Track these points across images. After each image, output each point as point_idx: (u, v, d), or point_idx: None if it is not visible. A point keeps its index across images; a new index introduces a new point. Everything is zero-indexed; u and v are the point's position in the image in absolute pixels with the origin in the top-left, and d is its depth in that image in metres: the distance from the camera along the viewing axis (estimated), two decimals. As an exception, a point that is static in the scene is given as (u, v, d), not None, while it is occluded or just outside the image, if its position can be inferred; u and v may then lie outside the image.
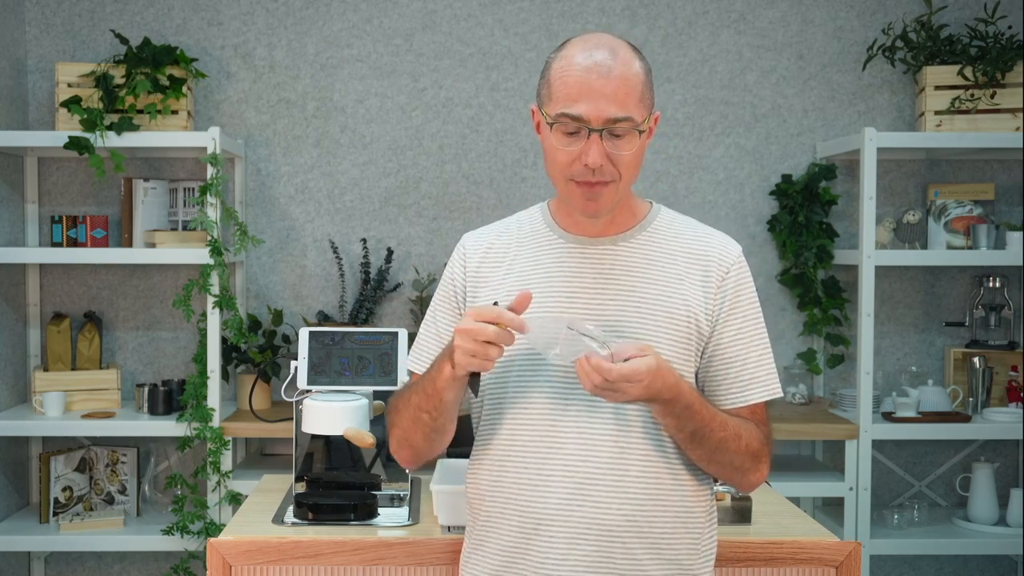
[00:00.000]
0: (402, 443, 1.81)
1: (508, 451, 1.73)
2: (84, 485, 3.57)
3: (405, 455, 1.83)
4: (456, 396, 1.70)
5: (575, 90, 1.64)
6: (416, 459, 1.83)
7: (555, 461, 1.69)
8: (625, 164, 1.67)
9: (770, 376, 1.77)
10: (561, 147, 1.66)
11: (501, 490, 1.73)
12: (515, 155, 3.79)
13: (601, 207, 1.69)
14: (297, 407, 2.34)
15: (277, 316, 3.68)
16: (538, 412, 1.71)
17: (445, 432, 1.78)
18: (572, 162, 1.66)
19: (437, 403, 1.70)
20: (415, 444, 1.79)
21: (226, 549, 2.09)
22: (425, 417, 1.73)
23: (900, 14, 3.76)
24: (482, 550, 1.77)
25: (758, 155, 3.80)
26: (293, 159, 3.79)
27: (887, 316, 3.82)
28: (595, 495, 1.67)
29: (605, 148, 1.64)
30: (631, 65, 1.66)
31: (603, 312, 1.71)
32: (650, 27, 3.76)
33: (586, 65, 1.64)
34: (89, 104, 3.42)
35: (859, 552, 2.11)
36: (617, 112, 1.63)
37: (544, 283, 1.74)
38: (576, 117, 1.64)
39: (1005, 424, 3.48)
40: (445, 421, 1.75)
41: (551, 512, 1.68)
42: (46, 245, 3.70)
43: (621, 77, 1.64)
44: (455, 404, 1.72)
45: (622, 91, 1.64)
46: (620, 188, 1.69)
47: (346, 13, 3.78)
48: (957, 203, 3.66)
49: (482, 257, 1.83)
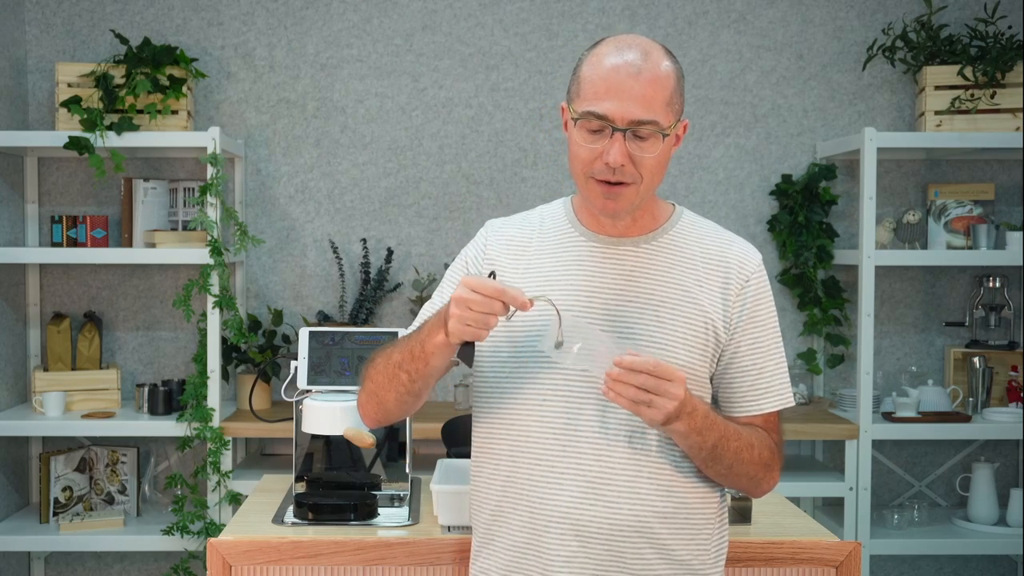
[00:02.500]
0: (371, 397, 1.77)
1: (522, 448, 1.72)
2: (84, 485, 3.57)
3: (371, 411, 1.80)
4: (442, 363, 1.66)
5: (602, 89, 1.63)
6: (380, 418, 1.80)
7: (569, 460, 1.68)
8: (648, 168, 1.65)
9: (784, 385, 1.78)
10: (584, 144, 1.65)
11: (513, 486, 1.72)
12: (515, 155, 3.79)
13: (620, 207, 1.68)
14: (297, 407, 2.34)
15: (277, 316, 3.68)
16: (553, 410, 1.70)
17: (419, 398, 1.74)
18: (594, 160, 1.65)
19: (422, 366, 1.67)
20: (384, 402, 1.76)
21: (226, 549, 2.09)
22: (403, 377, 1.69)
23: (900, 14, 3.76)
24: (491, 546, 1.77)
25: (758, 155, 3.80)
26: (293, 159, 3.79)
27: (887, 316, 3.82)
28: (607, 495, 1.67)
29: (628, 149, 1.63)
30: (661, 68, 1.64)
31: (621, 313, 1.70)
32: (650, 27, 3.76)
33: (616, 64, 1.63)
34: (89, 104, 3.42)
35: (859, 552, 2.10)
36: (643, 114, 1.62)
37: (563, 280, 1.74)
38: (601, 116, 1.62)
39: (1005, 424, 3.48)
40: (422, 387, 1.71)
41: (563, 510, 1.68)
42: (46, 245, 3.70)
43: (650, 79, 1.62)
44: (438, 372, 1.69)
45: (649, 93, 1.62)
46: (641, 191, 1.67)
47: (346, 13, 3.78)
48: (957, 203, 3.66)
49: (504, 246, 1.82)
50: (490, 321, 1.56)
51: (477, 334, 1.57)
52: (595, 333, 1.61)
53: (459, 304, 1.56)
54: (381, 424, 1.83)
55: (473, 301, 1.55)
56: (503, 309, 1.56)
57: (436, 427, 3.01)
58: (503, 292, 1.55)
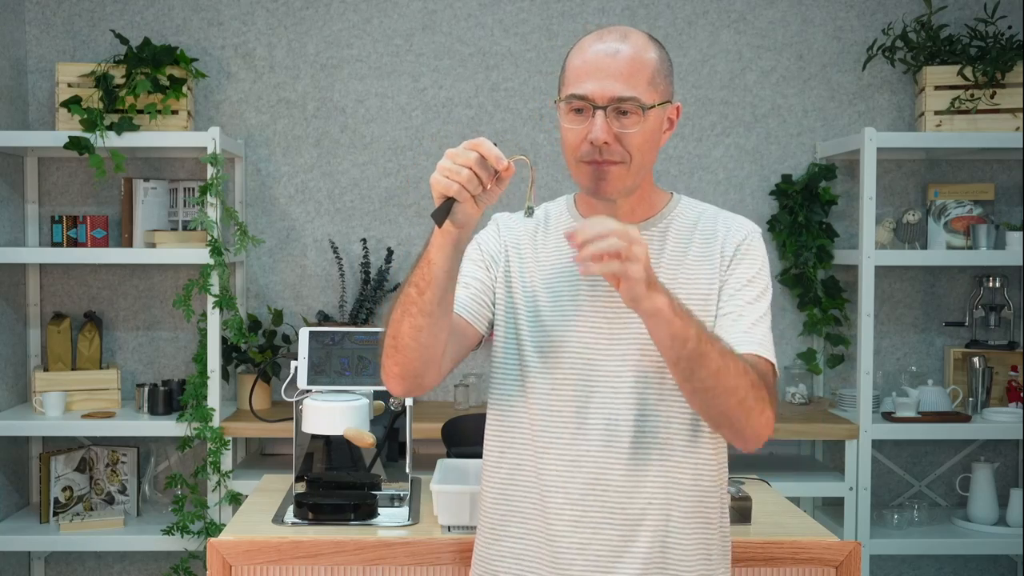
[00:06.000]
0: (389, 347, 1.68)
1: (532, 438, 1.73)
2: (84, 485, 3.57)
3: (392, 367, 1.69)
4: (443, 259, 1.60)
5: (583, 72, 1.66)
6: (404, 371, 1.68)
7: (578, 448, 1.69)
8: (635, 146, 1.66)
9: (766, 340, 1.70)
10: (570, 126, 1.68)
11: (523, 476, 1.74)
12: (515, 155, 3.78)
13: (611, 188, 1.68)
14: (297, 407, 2.34)
15: (277, 316, 3.68)
16: (562, 399, 1.71)
17: (433, 319, 1.63)
18: (580, 142, 1.67)
19: (425, 269, 1.61)
20: (401, 340, 1.65)
21: (226, 549, 2.09)
22: (412, 292, 1.63)
23: (900, 14, 3.76)
24: (501, 540, 1.77)
25: (758, 155, 3.80)
26: (293, 159, 3.79)
27: (887, 316, 3.82)
28: (617, 481, 1.68)
29: (611, 127, 1.64)
30: (641, 49, 1.67)
31: (620, 300, 1.70)
32: (650, 27, 3.76)
33: (596, 48, 1.67)
34: (89, 104, 3.42)
35: (859, 552, 2.11)
36: (622, 91, 1.64)
37: (567, 271, 1.76)
38: (582, 96, 1.65)
39: (1005, 424, 3.48)
40: (432, 299, 1.62)
41: (573, 500, 1.69)
42: (46, 245, 3.70)
43: (629, 58, 1.65)
44: (442, 272, 1.61)
45: (627, 71, 1.64)
46: (631, 170, 1.68)
47: (346, 13, 3.78)
48: (957, 203, 3.66)
49: (513, 238, 1.84)
50: (462, 172, 1.54)
51: (449, 186, 1.54)
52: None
53: (442, 161, 1.56)
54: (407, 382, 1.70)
55: (453, 154, 1.55)
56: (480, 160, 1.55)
57: (436, 427, 3.02)
58: (479, 144, 1.56)
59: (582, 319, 1.72)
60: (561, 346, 1.72)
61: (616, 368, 1.70)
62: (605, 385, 1.69)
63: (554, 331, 1.73)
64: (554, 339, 1.73)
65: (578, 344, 1.72)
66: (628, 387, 1.69)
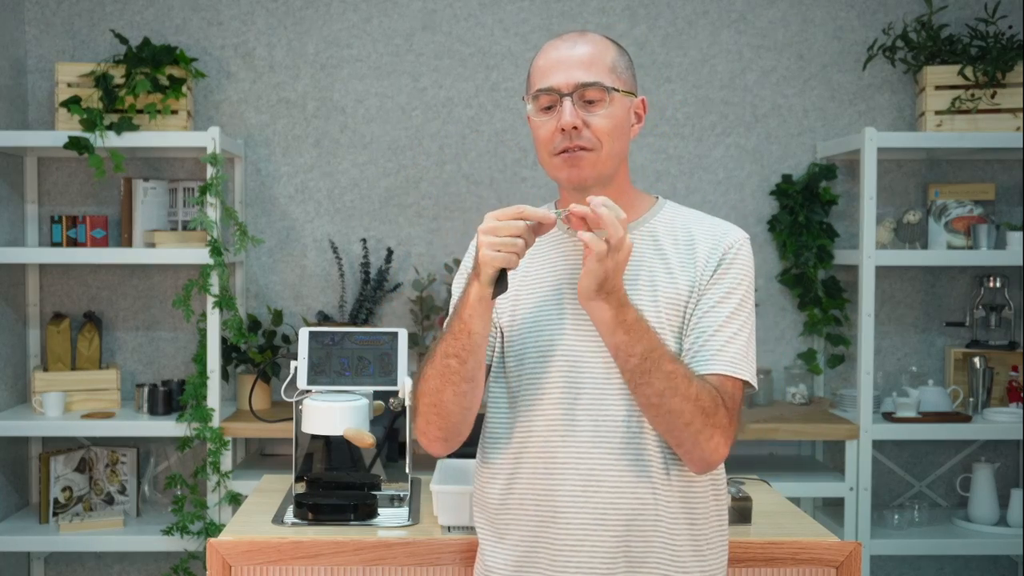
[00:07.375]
0: (430, 413, 1.73)
1: (524, 442, 1.74)
2: (84, 485, 3.57)
3: (434, 431, 1.74)
4: (484, 327, 1.65)
5: (546, 69, 1.73)
6: (447, 434, 1.74)
7: (568, 449, 1.70)
8: (605, 132, 1.70)
9: (739, 357, 1.69)
10: (540, 120, 1.73)
11: (519, 481, 1.74)
12: (515, 155, 3.79)
13: (584, 175, 1.71)
14: (297, 407, 2.34)
15: (277, 316, 3.68)
16: (551, 402, 1.72)
17: (474, 383, 1.70)
18: (552, 135, 1.71)
19: (466, 339, 1.65)
20: (444, 407, 1.70)
21: (226, 549, 2.09)
22: (454, 363, 1.67)
23: (900, 14, 3.76)
24: (503, 543, 1.78)
25: (758, 155, 3.80)
26: (293, 159, 3.79)
27: (887, 316, 3.82)
28: (609, 481, 1.69)
29: (579, 113, 1.69)
30: (599, 42, 1.74)
31: None
32: (650, 27, 3.76)
33: (556, 45, 1.75)
34: (89, 104, 3.42)
35: (859, 552, 2.10)
36: (584, 77, 1.69)
37: (552, 276, 1.77)
38: (548, 88, 1.71)
39: (1005, 424, 3.47)
40: (474, 366, 1.67)
41: (566, 500, 1.70)
42: (46, 245, 3.70)
43: (588, 48, 1.72)
44: (483, 340, 1.66)
45: (588, 60, 1.71)
46: (603, 157, 1.71)
47: (346, 13, 3.78)
48: (957, 203, 3.66)
49: None
50: (517, 243, 1.58)
51: (508, 259, 1.59)
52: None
53: (486, 234, 1.60)
54: (449, 443, 1.76)
55: (498, 227, 1.59)
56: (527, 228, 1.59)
57: (436, 427, 3.01)
58: (522, 210, 1.59)
59: (567, 323, 1.73)
60: (548, 350, 1.73)
61: (603, 371, 1.70)
62: (593, 388, 1.70)
63: (541, 336, 1.74)
64: (540, 344, 1.74)
65: (564, 348, 1.72)
66: (615, 389, 1.69)
